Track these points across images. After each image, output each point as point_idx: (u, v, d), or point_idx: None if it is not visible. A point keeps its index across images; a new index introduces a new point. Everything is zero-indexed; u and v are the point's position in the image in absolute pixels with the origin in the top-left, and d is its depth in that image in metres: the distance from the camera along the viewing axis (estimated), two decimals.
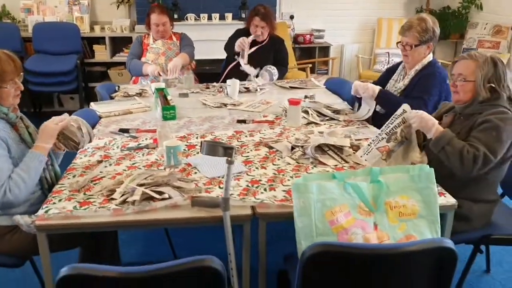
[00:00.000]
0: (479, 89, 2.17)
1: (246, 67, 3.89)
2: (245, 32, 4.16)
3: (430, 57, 2.94)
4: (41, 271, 2.42)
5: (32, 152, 2.05)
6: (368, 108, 2.94)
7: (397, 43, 3.01)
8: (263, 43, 4.15)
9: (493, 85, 2.16)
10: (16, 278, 2.77)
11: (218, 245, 3.05)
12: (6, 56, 2.04)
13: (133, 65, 4.11)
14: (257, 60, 3.99)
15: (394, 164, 2.14)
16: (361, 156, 2.23)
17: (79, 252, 2.43)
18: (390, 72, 3.18)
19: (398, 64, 3.15)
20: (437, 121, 2.17)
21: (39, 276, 2.47)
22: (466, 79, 2.21)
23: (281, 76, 4.13)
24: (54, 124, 2.13)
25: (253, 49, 4.08)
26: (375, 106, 2.95)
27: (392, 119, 2.22)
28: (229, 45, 4.15)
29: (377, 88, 2.90)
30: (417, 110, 2.21)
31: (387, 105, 2.88)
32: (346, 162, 2.28)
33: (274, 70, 3.93)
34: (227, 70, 4.05)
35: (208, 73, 4.39)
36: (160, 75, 3.91)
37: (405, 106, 2.22)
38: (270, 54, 4.14)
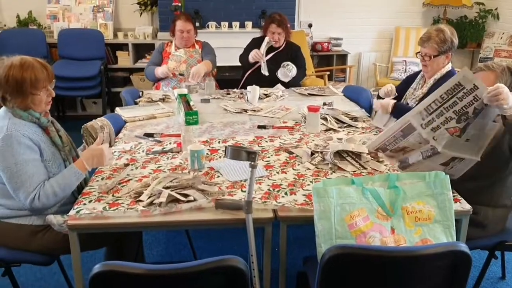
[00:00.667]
0: None
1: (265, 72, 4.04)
2: (261, 41, 4.28)
3: (449, 67, 3.01)
4: (68, 269, 2.55)
5: (73, 167, 2.13)
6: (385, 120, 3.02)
7: (417, 53, 3.07)
8: (280, 49, 4.26)
9: None
10: (37, 277, 2.88)
11: (236, 248, 3.16)
12: (39, 64, 2.12)
13: (148, 71, 4.25)
14: (274, 66, 4.10)
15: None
16: (433, 138, 1.97)
17: (104, 253, 2.52)
18: (409, 81, 3.24)
19: (417, 73, 3.22)
20: None
21: (65, 274, 2.58)
22: None
23: (301, 77, 4.25)
24: (108, 156, 2.19)
25: (270, 55, 4.21)
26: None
27: (456, 93, 1.88)
28: (244, 56, 4.29)
29: (392, 102, 2.97)
30: (498, 85, 1.85)
31: (401, 116, 2.96)
32: (364, 168, 2.34)
33: (289, 66, 4.03)
34: (245, 77, 4.15)
35: (228, 79, 4.50)
36: (174, 75, 4.02)
37: (475, 80, 1.86)
38: (287, 59, 4.22)
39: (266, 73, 4.11)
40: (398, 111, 2.95)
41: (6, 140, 2.01)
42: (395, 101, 3.01)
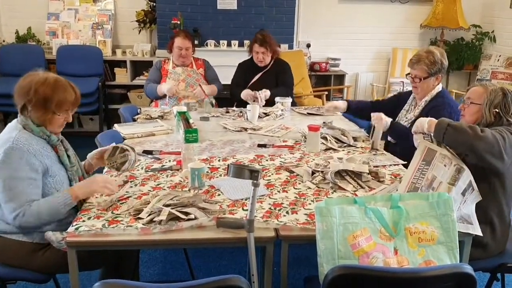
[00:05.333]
0: (484, 112, 2.27)
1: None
2: (247, 64, 4.32)
3: (439, 88, 3.02)
4: None
5: (66, 193, 2.08)
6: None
7: (406, 75, 3.09)
8: (267, 69, 4.27)
9: (498, 111, 2.24)
10: None
11: (234, 266, 3.13)
12: (71, 87, 2.15)
13: (149, 89, 4.22)
14: (262, 86, 4.10)
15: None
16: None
17: (100, 272, 2.48)
18: (401, 99, 3.26)
19: (409, 93, 3.22)
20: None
21: None
22: (473, 102, 2.34)
23: (285, 94, 4.11)
24: (103, 186, 2.12)
25: (258, 76, 4.23)
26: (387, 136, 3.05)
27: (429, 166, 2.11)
28: (234, 87, 4.29)
29: (389, 120, 2.98)
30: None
31: (397, 135, 2.99)
32: (362, 188, 2.33)
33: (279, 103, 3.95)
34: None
35: (227, 98, 4.50)
36: (177, 92, 4.01)
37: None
38: (273, 77, 4.24)
39: (262, 105, 4.00)
40: (393, 130, 2.98)
41: (8, 152, 2.01)
42: (391, 119, 3.02)
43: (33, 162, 2.04)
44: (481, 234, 2.01)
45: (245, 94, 4.06)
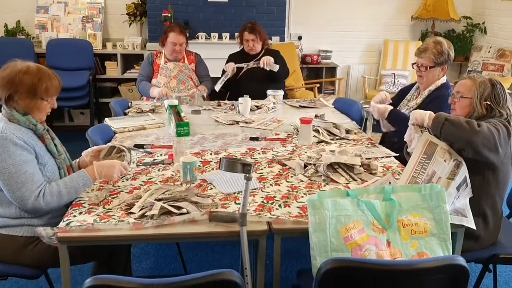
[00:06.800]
0: (475, 105, 2.27)
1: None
2: (238, 54, 4.32)
3: (444, 79, 3.02)
4: (55, 283, 2.50)
5: (84, 172, 2.13)
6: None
7: (413, 64, 3.09)
8: (258, 57, 4.24)
9: (489, 103, 2.24)
10: None
11: (226, 260, 3.14)
12: (53, 73, 2.15)
13: (141, 87, 4.17)
14: (253, 75, 4.09)
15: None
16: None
17: (92, 266, 2.48)
18: (404, 92, 3.26)
19: (412, 85, 3.24)
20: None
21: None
22: (463, 96, 2.33)
23: (285, 75, 4.26)
24: (119, 172, 2.18)
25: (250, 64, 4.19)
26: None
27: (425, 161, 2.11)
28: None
29: (389, 108, 2.98)
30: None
31: (397, 123, 2.97)
32: (355, 180, 2.33)
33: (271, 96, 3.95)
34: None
35: (222, 90, 4.46)
36: (166, 96, 3.91)
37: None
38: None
39: (217, 89, 4.06)
40: (393, 117, 2.96)
41: (1, 141, 1.99)
42: (391, 107, 3.02)
43: (26, 146, 2.04)
44: (474, 228, 2.01)
45: (230, 65, 4.08)
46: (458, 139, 2.08)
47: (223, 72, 4.14)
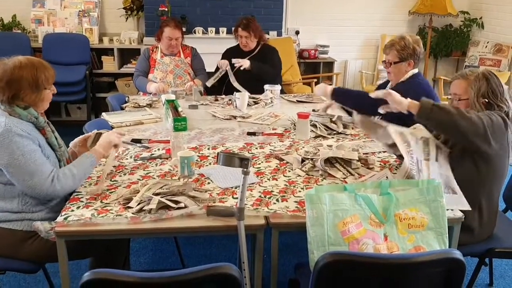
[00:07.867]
0: (473, 105, 2.26)
1: (236, 85, 3.98)
2: (233, 50, 4.29)
3: (413, 71, 3.00)
4: (53, 277, 2.50)
5: (87, 154, 2.20)
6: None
7: (382, 61, 3.11)
8: (253, 54, 4.22)
9: (487, 100, 2.23)
10: (21, 285, 2.82)
11: (224, 254, 3.15)
12: (43, 61, 2.15)
13: (138, 82, 4.15)
14: (248, 71, 4.05)
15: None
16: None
17: (90, 261, 2.48)
18: (381, 88, 3.25)
19: (388, 81, 3.23)
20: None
21: (50, 282, 2.53)
22: (461, 98, 2.33)
23: (271, 73, 4.17)
24: (116, 135, 2.32)
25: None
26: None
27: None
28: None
29: (330, 88, 2.98)
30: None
31: (347, 100, 3.01)
32: (352, 175, 2.34)
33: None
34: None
35: (215, 85, 4.46)
36: (163, 92, 3.88)
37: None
38: (260, 63, 4.14)
39: (233, 80, 4.02)
40: (338, 94, 2.99)
41: (6, 134, 1.98)
42: (333, 86, 3.03)
43: (32, 138, 2.04)
44: (469, 208, 2.02)
45: (224, 63, 4.05)
46: (445, 125, 2.07)
47: (217, 68, 4.12)
